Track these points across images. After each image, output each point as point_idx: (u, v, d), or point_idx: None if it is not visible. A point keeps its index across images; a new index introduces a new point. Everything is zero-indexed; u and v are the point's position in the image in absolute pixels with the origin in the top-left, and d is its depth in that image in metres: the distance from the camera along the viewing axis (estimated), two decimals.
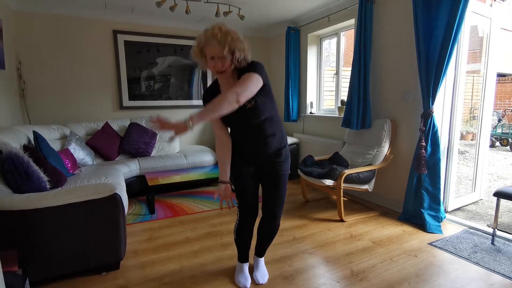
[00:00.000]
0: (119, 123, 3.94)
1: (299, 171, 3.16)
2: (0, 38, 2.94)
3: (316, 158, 3.33)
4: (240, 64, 1.48)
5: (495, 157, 5.98)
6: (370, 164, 2.97)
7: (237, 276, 1.91)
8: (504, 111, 7.98)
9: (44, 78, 3.71)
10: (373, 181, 2.94)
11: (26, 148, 2.31)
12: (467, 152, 6.19)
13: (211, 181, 4.13)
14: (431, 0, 2.45)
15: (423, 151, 2.58)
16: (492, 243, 2.32)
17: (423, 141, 2.59)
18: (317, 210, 3.10)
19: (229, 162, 1.70)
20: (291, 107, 4.38)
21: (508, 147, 7.04)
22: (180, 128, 1.22)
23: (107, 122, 3.79)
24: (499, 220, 2.77)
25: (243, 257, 1.94)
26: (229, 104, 1.30)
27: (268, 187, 1.76)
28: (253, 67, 1.48)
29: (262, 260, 1.99)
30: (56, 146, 3.19)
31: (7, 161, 1.90)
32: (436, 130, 2.58)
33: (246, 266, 1.94)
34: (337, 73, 3.99)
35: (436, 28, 2.43)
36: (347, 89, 3.35)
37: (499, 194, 2.24)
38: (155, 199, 3.41)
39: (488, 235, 2.45)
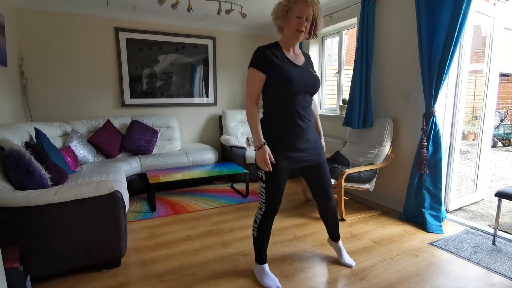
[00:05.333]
0: (121, 120, 3.95)
1: None
2: (2, 35, 2.95)
3: None
4: (309, 37, 1.71)
5: (497, 157, 5.96)
6: (371, 164, 2.97)
7: (263, 280, 1.81)
8: (507, 111, 7.95)
9: (46, 75, 3.71)
10: (374, 181, 2.94)
11: (27, 145, 2.32)
12: (469, 152, 6.18)
13: (212, 179, 4.15)
14: None
15: (425, 150, 2.57)
16: (493, 244, 2.32)
17: (425, 141, 2.58)
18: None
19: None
20: None
21: (510, 147, 7.01)
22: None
23: (108, 120, 3.80)
24: (500, 220, 2.76)
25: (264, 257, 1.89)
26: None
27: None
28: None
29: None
30: (57, 143, 3.20)
31: (9, 158, 1.90)
32: (438, 130, 2.58)
33: (267, 267, 1.90)
34: (338, 72, 3.98)
35: (438, 27, 2.42)
36: (348, 88, 3.34)
37: (501, 195, 2.23)
38: (156, 197, 3.42)
39: (489, 236, 2.44)
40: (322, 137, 1.94)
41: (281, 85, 1.62)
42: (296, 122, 1.66)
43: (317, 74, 1.80)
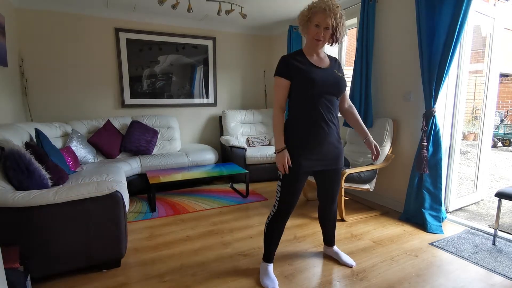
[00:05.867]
0: (121, 121, 3.95)
1: None
2: (2, 35, 2.95)
3: None
4: (331, 44, 1.72)
5: (497, 158, 5.96)
6: (371, 164, 2.97)
7: (263, 279, 1.84)
8: (507, 112, 7.95)
9: (46, 75, 3.72)
10: (374, 181, 2.94)
11: (28, 145, 2.32)
12: (469, 152, 6.18)
13: (212, 180, 4.15)
14: None
15: (425, 151, 2.57)
16: (493, 244, 2.32)
17: (425, 141, 2.58)
18: None
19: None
20: None
21: (510, 147, 7.01)
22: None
23: (108, 120, 3.80)
24: (500, 220, 2.76)
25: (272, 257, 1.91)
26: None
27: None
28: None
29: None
30: (58, 143, 3.20)
31: (9, 158, 1.90)
32: (438, 130, 2.58)
33: (272, 267, 1.91)
34: None
35: (438, 27, 2.42)
36: (348, 89, 3.34)
37: (501, 195, 2.23)
38: (156, 197, 3.42)
39: (489, 236, 2.44)
40: (370, 136, 1.87)
41: (305, 88, 1.66)
42: (320, 125, 1.69)
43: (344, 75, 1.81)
